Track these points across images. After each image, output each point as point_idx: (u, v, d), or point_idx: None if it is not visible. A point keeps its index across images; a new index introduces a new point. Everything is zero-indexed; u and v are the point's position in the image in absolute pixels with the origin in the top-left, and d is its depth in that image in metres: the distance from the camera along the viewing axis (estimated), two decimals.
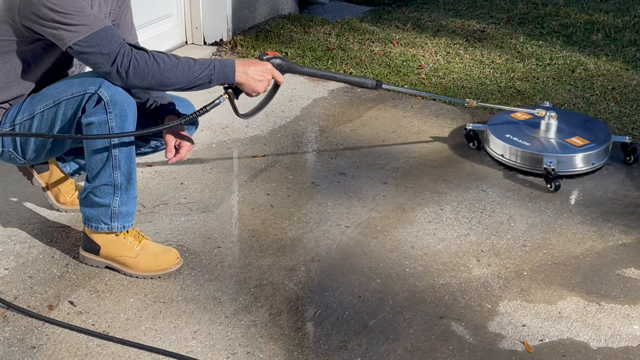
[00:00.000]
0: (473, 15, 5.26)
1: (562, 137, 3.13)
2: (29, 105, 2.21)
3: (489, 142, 3.19)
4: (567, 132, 3.16)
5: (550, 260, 2.50)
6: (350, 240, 2.58)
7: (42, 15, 2.01)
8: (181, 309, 2.21)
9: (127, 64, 2.06)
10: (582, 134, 3.14)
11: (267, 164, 3.11)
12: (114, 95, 2.10)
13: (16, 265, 2.39)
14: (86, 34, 2.03)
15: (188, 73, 2.12)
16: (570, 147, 3.06)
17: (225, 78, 2.18)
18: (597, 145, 3.06)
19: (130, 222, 2.33)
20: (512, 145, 3.07)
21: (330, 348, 2.07)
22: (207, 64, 2.15)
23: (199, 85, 2.16)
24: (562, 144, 3.09)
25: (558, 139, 3.12)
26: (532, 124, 3.22)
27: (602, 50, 4.51)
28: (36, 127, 2.19)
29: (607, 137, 3.13)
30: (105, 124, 2.11)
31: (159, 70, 2.08)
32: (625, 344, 2.12)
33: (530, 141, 3.09)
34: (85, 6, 2.06)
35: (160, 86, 2.12)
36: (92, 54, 2.05)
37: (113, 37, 2.07)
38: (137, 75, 2.07)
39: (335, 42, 4.52)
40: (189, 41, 4.50)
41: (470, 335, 2.14)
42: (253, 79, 2.21)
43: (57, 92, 2.16)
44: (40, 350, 2.04)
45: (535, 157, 3.02)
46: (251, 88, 2.23)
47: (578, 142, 3.08)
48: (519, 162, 3.06)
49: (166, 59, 2.10)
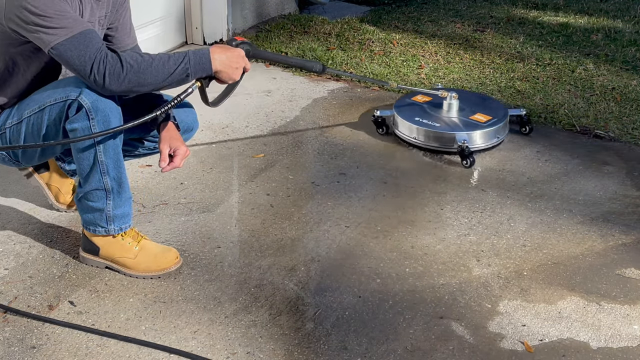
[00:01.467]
0: (473, 15, 5.26)
1: (465, 115, 3.31)
2: (18, 110, 2.21)
3: (398, 125, 3.32)
4: (469, 110, 3.35)
5: (550, 260, 2.50)
6: (350, 240, 2.58)
7: (24, 17, 2.00)
8: (181, 309, 2.21)
9: (102, 69, 2.01)
10: (483, 110, 3.34)
11: (267, 164, 3.11)
12: (95, 102, 2.08)
13: (16, 265, 2.39)
14: (64, 37, 2.00)
15: (163, 70, 2.06)
16: (476, 124, 3.24)
17: (202, 70, 2.12)
18: (499, 120, 3.27)
19: (127, 223, 2.32)
20: (423, 127, 3.22)
21: (330, 348, 2.07)
22: (182, 58, 2.09)
23: (177, 81, 2.10)
24: (468, 121, 3.26)
25: (463, 118, 3.30)
26: (435, 105, 3.39)
27: (602, 50, 4.51)
28: (24, 132, 2.19)
29: (505, 112, 3.34)
30: (88, 130, 2.10)
31: (134, 72, 2.03)
32: (625, 344, 2.12)
33: (438, 122, 3.26)
34: (66, 9, 2.03)
35: (139, 88, 2.07)
36: (70, 58, 2.02)
37: (91, 41, 2.02)
38: (113, 80, 2.03)
39: (335, 42, 4.52)
40: (189, 41, 4.51)
41: (470, 335, 2.14)
42: (230, 66, 2.16)
43: (42, 97, 2.16)
44: (40, 350, 2.04)
45: (447, 136, 3.18)
46: (229, 76, 2.18)
47: (482, 118, 3.28)
48: (432, 143, 3.22)
49: (139, 59, 2.05)
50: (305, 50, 4.34)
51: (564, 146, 3.33)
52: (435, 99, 3.41)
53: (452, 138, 3.17)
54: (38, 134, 2.18)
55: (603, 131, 3.43)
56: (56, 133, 2.17)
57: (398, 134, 3.33)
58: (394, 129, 3.36)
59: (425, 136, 3.22)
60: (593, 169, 3.13)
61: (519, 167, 3.13)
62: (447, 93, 3.32)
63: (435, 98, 3.41)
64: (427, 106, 3.40)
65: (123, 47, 2.38)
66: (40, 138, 2.18)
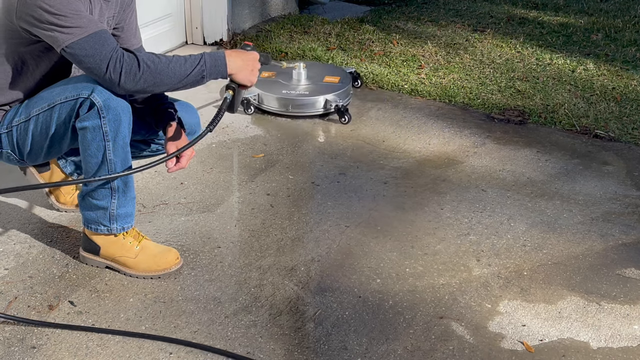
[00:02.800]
0: (473, 15, 5.26)
1: (318, 80, 3.63)
2: (25, 108, 2.21)
3: (265, 101, 3.55)
4: (317, 76, 3.67)
5: (550, 260, 2.50)
6: (350, 240, 2.58)
7: (38, 16, 2.00)
8: (181, 309, 2.21)
9: (119, 68, 2.03)
10: (328, 73, 3.71)
11: (267, 164, 3.11)
12: (107, 100, 2.08)
13: (16, 265, 2.39)
14: (79, 37, 2.01)
15: (180, 72, 2.09)
16: (333, 85, 3.58)
17: (217, 72, 2.14)
18: (347, 80, 3.67)
19: (130, 223, 2.33)
20: (292, 98, 3.49)
21: (330, 348, 2.07)
22: (198, 60, 2.11)
23: (192, 83, 2.13)
24: (325, 84, 3.58)
25: (318, 82, 3.61)
26: (284, 77, 3.65)
27: (602, 50, 4.51)
28: (32, 130, 2.19)
29: (345, 73, 3.78)
30: (99, 129, 2.10)
31: (150, 72, 2.05)
32: (625, 344, 2.12)
33: (300, 90, 3.55)
34: (81, 9, 2.04)
35: (154, 88, 2.09)
36: (84, 57, 2.03)
37: (106, 40, 2.04)
38: (129, 79, 2.04)
39: (335, 42, 4.52)
40: (189, 41, 4.50)
41: (470, 335, 2.14)
42: (246, 69, 2.18)
43: (52, 95, 2.16)
44: (40, 350, 2.04)
45: (314, 101, 3.49)
46: (247, 78, 2.19)
47: (334, 80, 3.63)
48: (302, 110, 3.50)
49: (157, 60, 2.07)
50: (305, 50, 4.33)
51: (564, 146, 3.33)
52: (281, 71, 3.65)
53: (320, 102, 3.49)
54: (46, 132, 2.18)
55: (603, 131, 3.43)
56: (65, 131, 2.17)
57: (265, 108, 3.55)
58: (260, 105, 3.57)
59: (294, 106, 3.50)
60: (593, 169, 3.13)
61: (519, 167, 3.13)
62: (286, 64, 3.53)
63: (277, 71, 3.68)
64: (279, 80, 3.64)
65: (129, 47, 2.38)
66: (48, 136, 2.18)
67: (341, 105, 3.46)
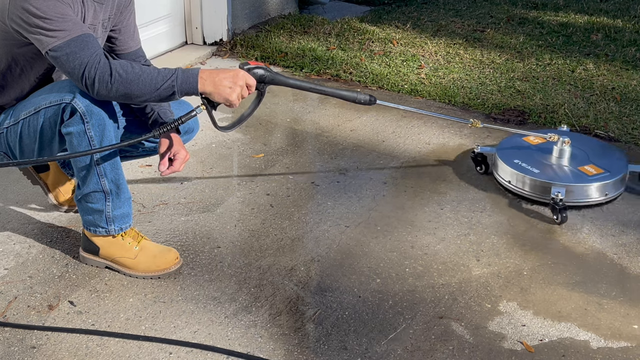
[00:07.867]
0: (473, 15, 5.26)
1: (575, 165, 2.91)
2: (15, 111, 2.22)
3: (497, 167, 2.97)
4: (581, 159, 2.95)
5: (550, 260, 2.50)
6: (350, 240, 2.58)
7: (26, 19, 2.00)
8: (181, 309, 2.21)
9: (93, 75, 2.00)
10: (597, 161, 2.92)
11: (267, 164, 3.11)
12: (89, 106, 2.07)
13: (16, 265, 2.39)
14: (63, 40, 2.00)
15: (150, 84, 2.03)
16: (582, 175, 2.83)
17: (188, 88, 2.07)
18: (612, 175, 2.83)
19: (128, 223, 2.33)
20: (519, 172, 2.85)
21: (330, 348, 2.07)
22: (170, 75, 2.05)
23: (166, 97, 2.07)
24: (574, 172, 2.86)
25: (570, 167, 2.90)
26: (544, 150, 3.00)
27: (602, 50, 4.51)
28: (21, 133, 2.20)
29: (623, 167, 2.90)
30: (84, 134, 2.10)
31: (122, 82, 2.01)
32: (625, 344, 2.12)
33: (539, 168, 2.88)
34: (67, 12, 2.02)
35: (126, 98, 2.06)
36: (65, 61, 2.01)
37: (87, 45, 2.02)
38: (102, 86, 2.01)
39: (335, 42, 4.52)
40: (189, 41, 4.50)
41: (470, 335, 2.14)
42: (222, 86, 2.07)
43: (38, 100, 2.16)
44: (40, 350, 2.04)
45: (543, 185, 2.80)
46: (221, 96, 2.08)
47: (592, 170, 2.86)
48: (526, 190, 2.84)
49: (130, 69, 2.03)
50: (305, 50, 4.34)
51: None
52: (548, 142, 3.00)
53: (547, 188, 2.79)
54: (34, 136, 2.18)
55: (603, 131, 3.43)
56: (52, 135, 2.17)
57: (496, 176, 2.97)
58: (493, 170, 3.01)
59: (520, 182, 2.85)
60: None
61: None
62: (558, 137, 2.92)
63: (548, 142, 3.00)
64: (535, 149, 3.01)
65: (126, 49, 2.38)
66: (37, 140, 2.18)
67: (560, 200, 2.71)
